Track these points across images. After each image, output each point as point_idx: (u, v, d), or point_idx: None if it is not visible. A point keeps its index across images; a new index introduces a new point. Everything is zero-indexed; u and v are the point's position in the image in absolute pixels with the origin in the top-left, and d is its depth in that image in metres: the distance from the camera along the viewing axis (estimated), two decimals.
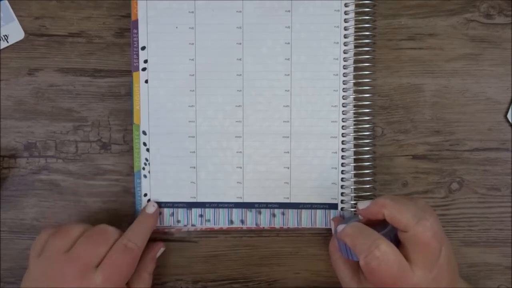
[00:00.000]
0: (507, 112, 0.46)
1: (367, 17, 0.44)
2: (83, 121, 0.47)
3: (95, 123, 0.47)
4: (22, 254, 0.47)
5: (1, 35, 0.46)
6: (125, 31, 0.46)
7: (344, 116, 0.44)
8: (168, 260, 0.47)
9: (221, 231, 0.47)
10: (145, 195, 0.45)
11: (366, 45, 0.44)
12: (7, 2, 0.46)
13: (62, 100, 0.47)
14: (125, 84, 0.47)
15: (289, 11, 0.44)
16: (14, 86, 0.47)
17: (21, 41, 0.46)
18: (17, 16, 0.46)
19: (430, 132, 0.47)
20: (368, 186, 0.44)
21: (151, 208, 0.45)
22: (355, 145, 0.45)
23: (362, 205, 0.40)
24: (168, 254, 0.47)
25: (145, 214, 0.44)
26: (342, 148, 0.45)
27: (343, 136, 0.45)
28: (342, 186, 0.45)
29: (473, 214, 0.47)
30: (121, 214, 0.47)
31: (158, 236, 0.47)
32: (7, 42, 0.46)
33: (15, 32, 0.46)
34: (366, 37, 0.44)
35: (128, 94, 0.47)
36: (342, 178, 0.45)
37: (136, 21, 0.45)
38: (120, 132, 0.47)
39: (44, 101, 0.47)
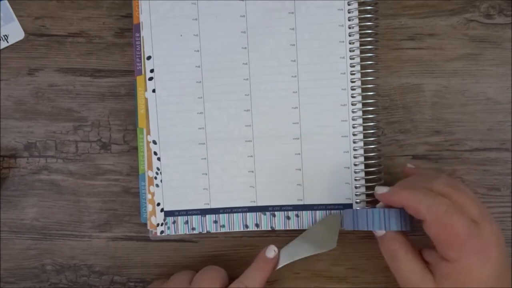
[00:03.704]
0: None
1: (370, 15, 0.44)
2: (83, 121, 0.47)
3: (95, 123, 0.47)
4: (22, 254, 0.47)
5: (1, 35, 0.46)
6: (125, 31, 0.46)
7: (353, 115, 0.44)
8: (168, 260, 0.47)
9: (221, 231, 0.47)
10: (158, 204, 0.45)
11: (369, 43, 0.44)
12: (7, 2, 0.46)
13: (62, 100, 0.47)
14: (125, 84, 0.47)
15: (292, 12, 0.44)
16: (14, 86, 0.47)
17: (21, 41, 0.46)
18: (17, 16, 0.46)
19: (430, 132, 0.47)
20: (380, 182, 0.44)
21: (272, 253, 0.42)
22: (365, 143, 0.44)
23: (381, 190, 0.39)
24: (168, 254, 0.47)
25: (265, 260, 0.42)
26: (354, 147, 0.44)
27: (354, 135, 0.44)
28: (355, 186, 0.45)
29: None
30: (121, 214, 0.47)
31: (159, 237, 0.47)
32: (7, 42, 0.46)
33: (15, 32, 0.46)
34: (369, 35, 0.44)
35: (128, 94, 0.47)
36: (355, 178, 0.44)
37: (138, 25, 0.44)
38: (120, 132, 0.47)
39: (44, 101, 0.47)
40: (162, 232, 0.45)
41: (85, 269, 0.47)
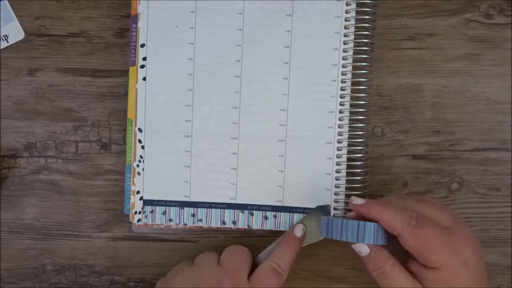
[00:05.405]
0: None
1: (367, 17, 0.44)
2: (83, 121, 0.47)
3: (95, 123, 0.47)
4: (22, 254, 0.47)
5: (1, 35, 0.46)
6: (125, 31, 0.46)
7: (340, 122, 0.44)
8: (168, 260, 0.47)
9: (221, 231, 0.47)
10: (138, 192, 0.45)
11: (364, 52, 0.44)
12: (7, 2, 0.46)
13: (62, 100, 0.47)
14: (125, 84, 0.46)
15: (289, 15, 0.44)
16: (14, 86, 0.47)
17: (21, 41, 0.46)
18: (17, 16, 0.46)
19: (430, 132, 0.47)
20: (359, 192, 0.44)
21: (300, 231, 0.43)
22: (349, 152, 0.44)
23: (357, 200, 0.40)
24: (168, 254, 0.47)
25: (293, 238, 0.43)
26: (337, 155, 0.44)
27: (338, 143, 0.44)
28: (335, 193, 0.44)
29: (473, 214, 0.47)
30: (121, 214, 0.47)
31: (158, 236, 0.47)
32: (7, 42, 0.46)
33: (15, 32, 0.46)
34: (365, 44, 0.44)
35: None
36: (335, 185, 0.44)
37: (135, 16, 0.44)
38: (120, 132, 0.47)
39: (44, 101, 0.47)
40: (139, 220, 0.45)
41: (85, 269, 0.47)
